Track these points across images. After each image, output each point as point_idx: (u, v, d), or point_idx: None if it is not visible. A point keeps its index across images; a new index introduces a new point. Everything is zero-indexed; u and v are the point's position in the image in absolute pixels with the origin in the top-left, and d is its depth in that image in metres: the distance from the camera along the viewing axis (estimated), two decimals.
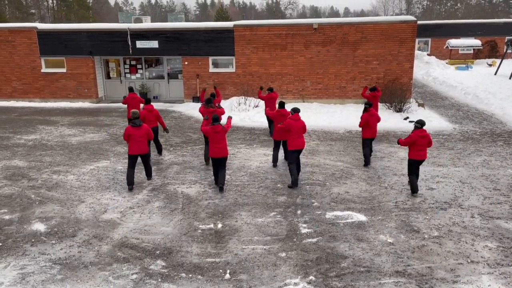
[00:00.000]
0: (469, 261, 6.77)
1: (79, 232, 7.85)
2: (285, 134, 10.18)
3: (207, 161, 11.43)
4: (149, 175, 10.40)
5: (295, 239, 7.51)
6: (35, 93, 20.87)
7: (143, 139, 9.77)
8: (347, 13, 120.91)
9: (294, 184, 9.76)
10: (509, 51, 27.61)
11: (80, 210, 8.79)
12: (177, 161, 11.76)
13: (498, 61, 29.42)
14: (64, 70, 20.49)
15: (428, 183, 10.03)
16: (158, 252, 7.15)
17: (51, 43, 20.17)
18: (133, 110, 10.01)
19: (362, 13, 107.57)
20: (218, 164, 9.62)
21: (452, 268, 6.59)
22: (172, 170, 11.10)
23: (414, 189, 9.31)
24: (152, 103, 12.19)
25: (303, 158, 12.00)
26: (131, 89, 14.13)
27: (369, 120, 10.98)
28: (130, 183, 9.77)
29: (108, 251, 7.18)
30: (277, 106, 12.09)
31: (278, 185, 10.01)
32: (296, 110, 9.85)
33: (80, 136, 14.60)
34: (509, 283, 6.18)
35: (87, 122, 16.81)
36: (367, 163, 11.20)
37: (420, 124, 9.10)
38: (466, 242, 7.33)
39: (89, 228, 7.99)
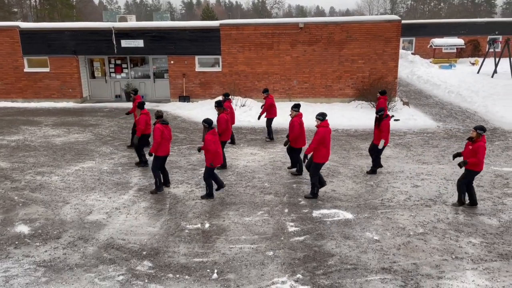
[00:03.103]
0: (454, 257, 6.87)
1: (64, 234, 7.74)
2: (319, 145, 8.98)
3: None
4: (168, 181, 9.94)
5: (282, 238, 7.53)
6: (18, 93, 20.49)
7: (170, 138, 9.67)
8: (332, 12, 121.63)
9: (315, 195, 9.19)
10: (491, 50, 28.09)
11: (64, 211, 8.67)
12: None
13: (480, 60, 29.93)
14: (47, 69, 20.16)
15: (413, 180, 10.16)
16: (144, 252, 7.09)
17: (34, 42, 19.82)
18: (157, 109, 9.92)
19: (347, 13, 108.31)
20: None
21: (437, 264, 6.68)
22: None
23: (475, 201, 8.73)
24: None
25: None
26: (136, 91, 13.03)
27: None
28: (162, 185, 9.71)
29: (94, 253, 7.10)
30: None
31: (265, 184, 10.02)
32: (325, 115, 8.95)
33: (64, 137, 14.40)
34: (492, 278, 6.29)
35: (71, 122, 16.58)
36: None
37: (483, 130, 8.32)
38: (451, 239, 7.45)
39: (74, 230, 7.89)
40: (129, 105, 19.64)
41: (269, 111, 13.64)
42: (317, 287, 6.15)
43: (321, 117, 8.90)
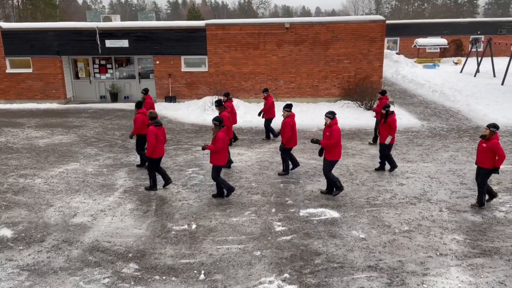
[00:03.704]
0: (438, 254, 6.96)
1: (48, 237, 7.62)
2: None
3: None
4: (169, 178, 9.82)
5: (269, 238, 7.53)
6: (0, 94, 20.13)
7: (165, 139, 9.62)
8: (318, 12, 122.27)
9: (340, 189, 9.25)
10: (473, 49, 28.56)
11: (48, 214, 8.54)
12: None
13: (463, 59, 30.42)
14: (30, 70, 19.85)
15: (398, 178, 10.26)
16: (130, 255, 7.02)
17: (16, 43, 19.50)
18: (150, 110, 9.77)
19: (333, 13, 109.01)
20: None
21: (422, 261, 6.76)
22: (145, 172, 10.92)
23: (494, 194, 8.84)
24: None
25: (277, 157, 12.07)
26: (147, 91, 13.05)
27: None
28: (167, 182, 9.71)
29: (79, 256, 7.00)
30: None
31: (253, 184, 10.01)
32: (334, 114, 9.00)
33: (48, 138, 14.19)
34: (476, 274, 6.39)
35: (55, 123, 16.35)
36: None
37: (496, 128, 8.35)
38: (435, 236, 7.54)
39: (58, 233, 7.77)
40: (115, 106, 19.46)
41: (269, 111, 13.59)
42: (304, 286, 6.17)
43: (331, 115, 8.98)
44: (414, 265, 6.65)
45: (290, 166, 10.73)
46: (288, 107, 10.33)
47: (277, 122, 13.93)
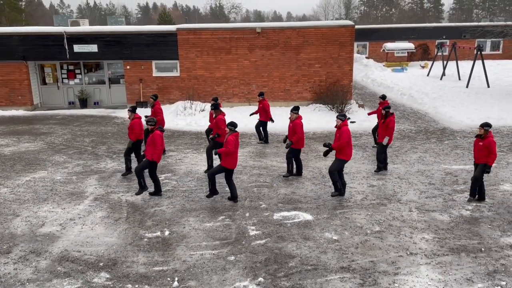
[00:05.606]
0: (408, 253, 7.13)
1: (15, 248, 7.36)
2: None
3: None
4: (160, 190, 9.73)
5: (243, 242, 7.52)
6: None
7: None
8: (289, 17, 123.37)
9: (339, 191, 9.41)
10: (439, 53, 29.49)
11: (15, 224, 8.25)
12: (120, 169, 11.37)
13: (430, 63, 31.36)
14: None
15: (369, 180, 10.46)
16: (101, 264, 6.86)
17: None
18: (151, 117, 9.60)
19: (304, 18, 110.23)
20: (231, 176, 9.26)
21: (393, 261, 6.90)
22: (116, 178, 10.73)
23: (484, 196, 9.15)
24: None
25: (250, 161, 12.09)
26: (156, 97, 12.78)
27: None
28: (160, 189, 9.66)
29: (47, 266, 6.79)
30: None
31: (227, 188, 9.96)
32: (345, 116, 9.27)
33: (14, 146, 13.72)
34: (445, 272, 6.57)
35: (21, 131, 15.83)
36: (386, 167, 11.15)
37: (489, 126, 8.65)
38: (405, 235, 7.72)
39: (26, 243, 7.52)
40: (84, 112, 19.03)
41: (264, 114, 13.68)
42: None
43: (343, 117, 9.19)
44: (386, 265, 6.79)
45: (290, 171, 10.80)
46: (295, 110, 10.48)
47: (273, 126, 14.09)
